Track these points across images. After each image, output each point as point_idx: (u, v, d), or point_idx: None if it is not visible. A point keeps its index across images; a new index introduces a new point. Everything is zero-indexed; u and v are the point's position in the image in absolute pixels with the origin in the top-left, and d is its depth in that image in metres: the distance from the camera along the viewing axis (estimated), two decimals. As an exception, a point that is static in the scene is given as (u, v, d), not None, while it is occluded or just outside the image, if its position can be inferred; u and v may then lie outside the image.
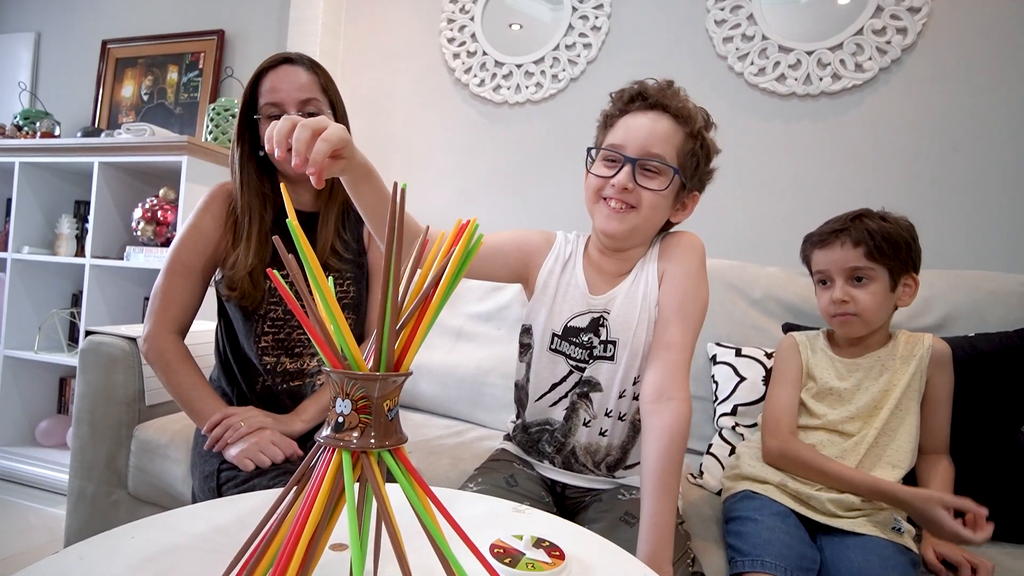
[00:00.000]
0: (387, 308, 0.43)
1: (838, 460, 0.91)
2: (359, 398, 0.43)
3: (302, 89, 0.97)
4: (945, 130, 1.54)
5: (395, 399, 0.45)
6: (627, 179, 0.80)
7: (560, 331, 0.88)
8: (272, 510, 0.45)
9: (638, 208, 0.82)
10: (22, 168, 2.04)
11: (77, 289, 2.13)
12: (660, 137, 0.80)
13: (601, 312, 0.87)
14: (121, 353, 1.18)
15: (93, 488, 1.18)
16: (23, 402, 2.09)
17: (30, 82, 2.57)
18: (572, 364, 0.88)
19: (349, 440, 0.42)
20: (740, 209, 1.69)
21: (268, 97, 0.96)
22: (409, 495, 0.44)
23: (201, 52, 2.28)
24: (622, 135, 0.83)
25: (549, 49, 1.86)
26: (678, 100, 0.82)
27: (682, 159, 0.82)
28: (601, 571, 0.56)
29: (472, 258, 0.47)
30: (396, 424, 0.45)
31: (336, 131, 0.61)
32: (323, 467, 0.43)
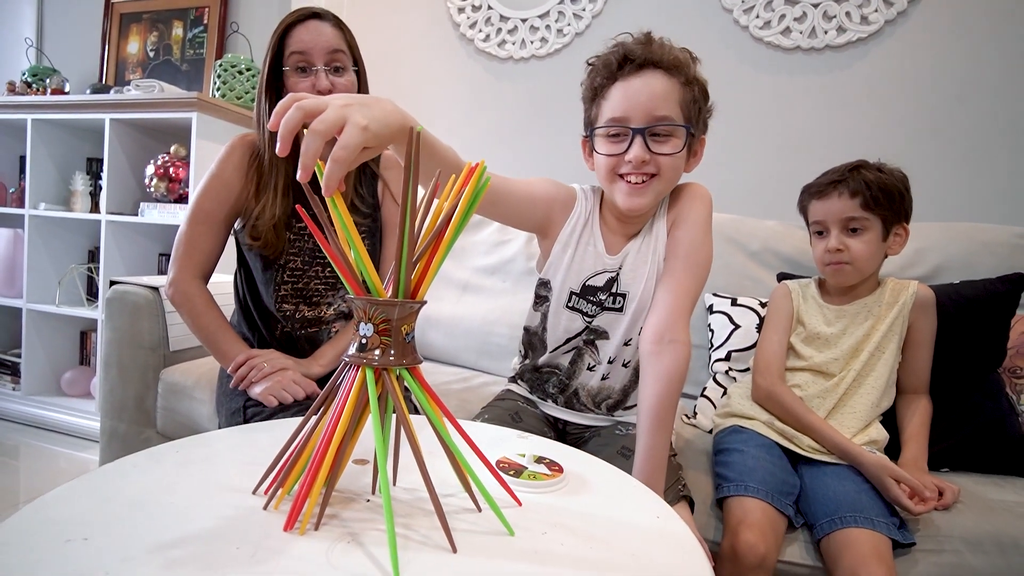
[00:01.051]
0: (404, 241, 0.48)
1: (819, 398, 0.98)
2: (380, 321, 0.49)
3: (329, 43, 0.99)
4: (949, 82, 1.55)
5: (411, 324, 0.51)
6: (642, 151, 0.79)
7: (578, 289, 0.91)
8: (303, 424, 0.51)
9: (659, 175, 0.81)
10: (35, 125, 2.07)
11: (93, 245, 2.18)
12: (661, 97, 0.79)
13: (616, 270, 0.89)
14: (145, 301, 1.24)
15: (124, 428, 1.26)
16: (47, 354, 2.17)
17: (36, 38, 2.57)
18: (587, 320, 0.91)
19: (372, 358, 0.48)
20: (743, 163, 1.72)
21: (295, 48, 0.98)
22: (425, 407, 0.50)
23: (205, 7, 2.27)
24: (621, 105, 0.80)
25: (555, 3, 1.85)
26: (665, 51, 0.80)
27: (687, 111, 0.81)
28: (596, 483, 0.62)
29: (480, 198, 0.51)
30: (413, 347, 0.51)
31: (352, 140, 0.49)
32: (349, 384, 0.49)
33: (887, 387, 0.98)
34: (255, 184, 1.02)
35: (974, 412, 1.01)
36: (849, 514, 0.80)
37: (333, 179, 0.47)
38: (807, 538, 0.86)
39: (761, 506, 0.83)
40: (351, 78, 1.03)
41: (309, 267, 1.04)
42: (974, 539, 0.82)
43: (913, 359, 1.01)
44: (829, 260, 1.03)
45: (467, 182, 0.51)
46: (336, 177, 0.48)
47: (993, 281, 1.09)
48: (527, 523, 0.51)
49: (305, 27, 0.99)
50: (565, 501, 0.57)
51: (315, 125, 0.48)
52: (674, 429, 1.01)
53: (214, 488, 0.52)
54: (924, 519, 0.84)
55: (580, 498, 0.58)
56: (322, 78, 0.98)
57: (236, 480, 0.53)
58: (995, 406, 1.02)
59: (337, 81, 1.00)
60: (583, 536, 0.50)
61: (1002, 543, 0.81)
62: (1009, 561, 0.80)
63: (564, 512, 0.54)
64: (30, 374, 2.13)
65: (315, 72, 0.98)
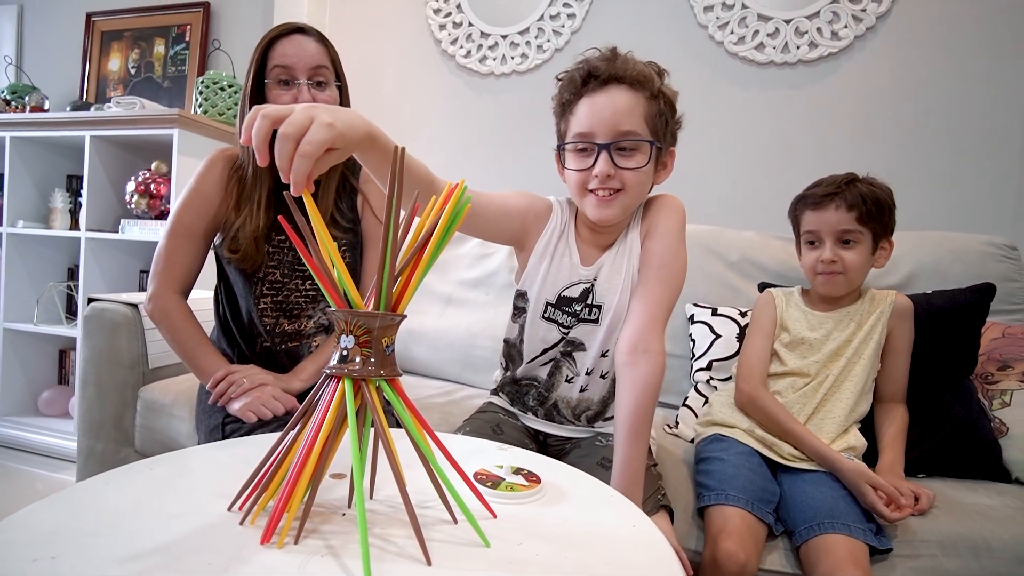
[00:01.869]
0: (387, 254, 0.48)
1: (799, 403, 0.99)
2: (361, 333, 0.49)
3: (312, 58, 1.00)
4: (918, 94, 1.59)
5: (392, 337, 0.51)
6: (607, 167, 0.80)
7: (554, 300, 0.91)
8: (282, 437, 0.51)
9: (625, 190, 0.82)
10: (13, 142, 2.05)
11: (73, 263, 2.16)
12: (625, 112, 0.80)
13: (591, 281, 0.90)
14: (123, 319, 1.23)
15: (102, 447, 1.24)
16: (24, 373, 2.14)
17: (15, 56, 2.56)
18: (563, 332, 0.92)
19: (352, 369, 0.48)
20: (719, 175, 1.75)
21: (279, 62, 0.99)
22: (404, 419, 0.50)
23: (187, 24, 2.28)
24: (587, 121, 0.82)
25: (534, 19, 1.88)
26: (629, 66, 0.81)
27: (652, 124, 0.82)
28: (573, 493, 0.63)
29: (461, 217, 0.52)
30: (392, 359, 0.51)
31: (317, 136, 0.51)
32: (329, 396, 0.49)
33: (863, 392, 1.00)
34: (235, 197, 1.02)
35: (946, 418, 1.03)
36: (827, 520, 0.81)
37: (300, 173, 0.49)
38: (787, 545, 0.87)
39: (741, 514, 0.84)
40: (333, 93, 1.04)
41: (289, 280, 1.04)
42: (949, 543, 0.83)
43: (890, 366, 1.03)
44: (822, 270, 1.04)
45: (448, 200, 0.52)
46: (303, 171, 0.50)
47: (963, 291, 1.12)
48: (503, 534, 0.51)
49: (289, 41, 1.01)
50: (542, 511, 0.57)
51: (283, 128, 0.50)
52: (655, 439, 1.02)
53: (187, 504, 0.52)
54: (901, 524, 0.85)
55: (557, 508, 0.58)
56: (304, 92, 0.99)
57: (210, 496, 0.53)
58: (967, 411, 1.04)
59: (319, 95, 1.01)
60: (559, 546, 0.50)
61: (976, 546, 0.82)
62: (982, 564, 0.81)
63: (540, 522, 0.54)
64: (6, 394, 2.09)
65: (297, 86, 0.99)
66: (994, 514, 0.88)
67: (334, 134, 0.53)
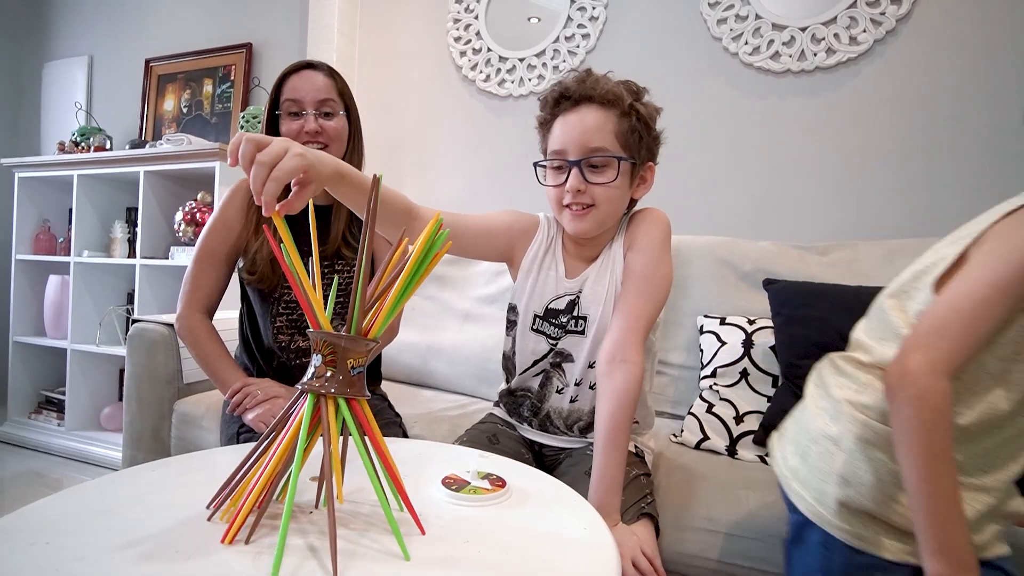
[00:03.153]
0: (359, 282, 0.53)
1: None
2: (328, 353, 0.54)
3: (319, 91, 1.08)
4: (941, 99, 1.54)
5: (359, 360, 0.55)
6: (578, 182, 0.83)
7: (542, 312, 0.94)
8: (258, 444, 0.56)
9: (596, 205, 0.85)
10: (80, 180, 2.26)
11: (130, 288, 2.34)
12: (594, 129, 0.82)
13: (576, 293, 0.92)
14: (161, 337, 1.34)
15: (142, 457, 1.34)
16: (88, 391, 2.32)
17: (85, 101, 2.81)
18: (551, 343, 0.94)
19: (313, 385, 0.53)
20: (738, 187, 1.73)
21: (288, 95, 1.08)
22: (353, 434, 0.54)
23: (232, 64, 2.46)
24: (560, 140, 0.85)
25: (549, 42, 1.93)
26: (600, 86, 0.83)
27: (623, 140, 0.84)
28: (537, 497, 0.65)
29: (438, 250, 0.56)
30: (359, 380, 0.55)
31: (288, 164, 0.56)
32: (299, 408, 0.54)
33: None
34: (254, 223, 1.11)
35: None
36: None
37: (270, 194, 0.55)
38: None
39: None
40: (341, 122, 1.11)
41: None
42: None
43: None
44: None
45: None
46: (272, 193, 0.55)
47: None
48: (453, 531, 0.54)
49: (299, 76, 1.10)
50: (499, 513, 0.60)
51: (260, 156, 0.56)
52: (653, 450, 1.02)
53: (175, 502, 0.57)
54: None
55: (515, 511, 0.61)
56: (310, 121, 1.07)
57: (197, 496, 0.58)
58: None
59: (326, 124, 1.09)
60: (503, 545, 0.53)
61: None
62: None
63: (494, 523, 0.57)
64: (73, 410, 2.27)
65: (305, 116, 1.07)
66: (1009, 530, 0.84)
67: (304, 163, 0.59)
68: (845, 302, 1.15)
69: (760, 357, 1.22)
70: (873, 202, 1.60)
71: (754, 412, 1.16)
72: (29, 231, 2.47)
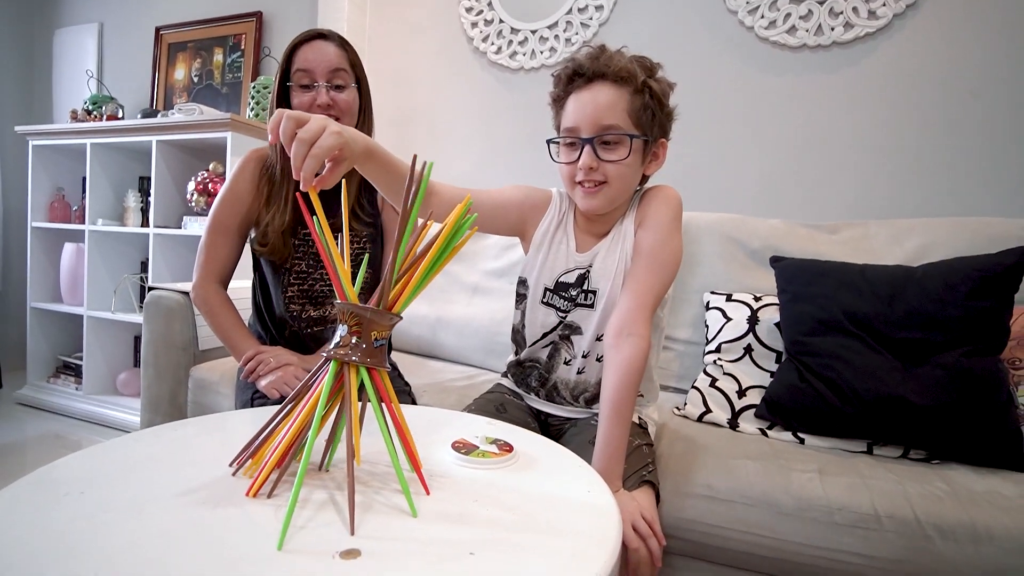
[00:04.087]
0: (398, 259, 0.55)
1: None
2: (353, 324, 0.56)
3: (331, 62, 1.07)
4: (962, 75, 1.52)
5: (383, 333, 0.58)
6: (590, 159, 0.84)
7: (552, 286, 0.96)
8: (283, 406, 0.58)
9: (608, 182, 0.86)
10: (93, 148, 2.28)
11: (144, 256, 2.37)
12: (607, 107, 0.83)
13: (586, 268, 0.94)
14: (177, 305, 1.37)
15: (160, 420, 1.38)
16: (104, 356, 2.37)
17: (96, 69, 2.81)
18: (560, 316, 0.96)
19: (339, 353, 0.55)
20: (751, 163, 1.72)
21: (299, 66, 1.07)
22: (372, 401, 0.56)
23: (243, 34, 2.44)
24: (573, 117, 0.86)
25: (562, 13, 1.91)
26: (613, 63, 0.83)
27: (636, 118, 0.84)
28: (543, 462, 0.68)
29: (461, 235, 0.58)
30: (381, 352, 0.58)
31: (326, 142, 0.60)
32: (323, 374, 0.56)
33: None
34: (266, 195, 1.12)
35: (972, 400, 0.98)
36: None
37: (309, 171, 0.59)
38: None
39: None
40: (352, 94, 1.11)
41: (314, 270, 1.13)
42: (948, 528, 0.82)
43: None
44: None
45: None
46: (312, 169, 0.60)
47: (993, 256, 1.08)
48: (462, 492, 0.57)
49: (310, 47, 1.08)
50: (506, 476, 0.62)
51: (300, 134, 0.60)
52: (656, 421, 1.04)
53: (197, 459, 0.60)
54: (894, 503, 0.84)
55: (521, 475, 0.63)
56: (322, 93, 1.07)
57: (218, 454, 0.61)
58: (995, 396, 0.99)
59: (337, 96, 1.09)
60: (508, 506, 0.55)
61: (976, 533, 0.81)
62: (980, 551, 0.80)
63: (501, 485, 0.60)
64: (90, 375, 2.33)
65: (317, 88, 1.07)
66: (1003, 503, 0.86)
67: (341, 141, 0.63)
68: (850, 280, 1.15)
69: (764, 333, 1.23)
70: (885, 181, 1.59)
71: (756, 387, 1.18)
72: (44, 199, 2.49)
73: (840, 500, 0.86)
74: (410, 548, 0.46)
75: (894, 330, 1.08)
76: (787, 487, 0.90)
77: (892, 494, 0.87)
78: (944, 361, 1.02)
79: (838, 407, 1.04)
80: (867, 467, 0.96)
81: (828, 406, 1.05)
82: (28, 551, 0.42)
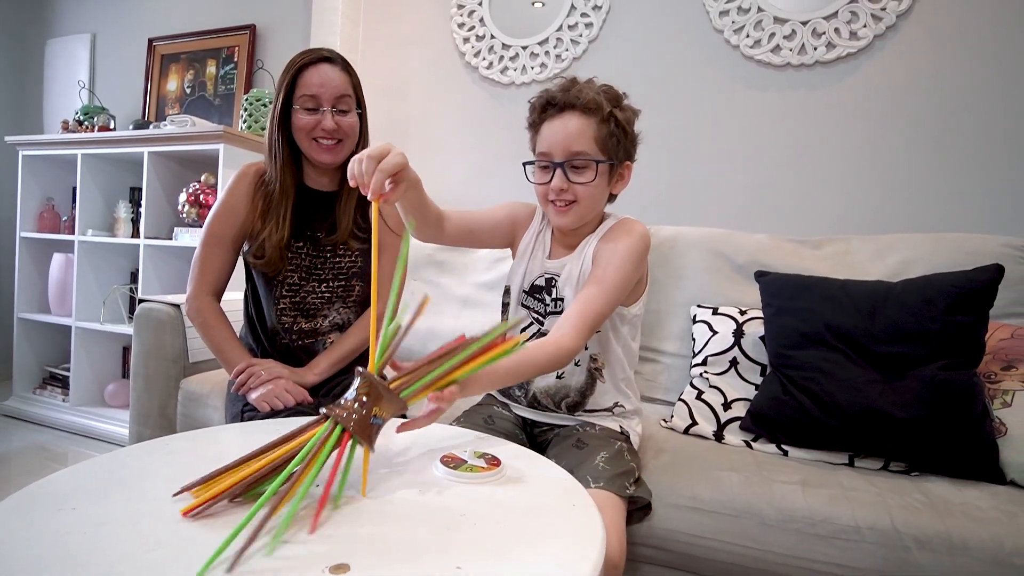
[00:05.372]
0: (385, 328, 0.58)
1: None
2: (364, 392, 0.60)
3: (337, 88, 1.09)
4: (942, 93, 1.56)
5: (384, 414, 0.61)
6: (561, 182, 0.92)
7: (528, 288, 1.04)
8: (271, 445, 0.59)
9: (578, 201, 0.94)
10: (84, 159, 2.28)
11: (134, 267, 2.37)
12: (576, 135, 0.90)
13: (554, 274, 1.01)
14: (168, 317, 1.37)
15: (149, 432, 1.38)
16: (92, 368, 2.36)
17: (88, 80, 2.82)
18: (534, 317, 1.03)
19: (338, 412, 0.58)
20: (735, 179, 1.76)
21: (306, 91, 1.08)
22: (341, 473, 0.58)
23: (236, 46, 2.46)
24: (546, 143, 0.94)
25: (552, 30, 1.94)
26: (582, 95, 0.91)
27: (603, 144, 0.92)
28: (530, 476, 0.69)
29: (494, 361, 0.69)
30: (374, 431, 0.61)
31: (392, 160, 0.69)
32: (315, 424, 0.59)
33: None
34: (261, 209, 1.13)
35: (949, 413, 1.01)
36: None
37: (378, 183, 0.69)
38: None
39: None
40: (355, 118, 1.13)
41: (306, 283, 1.15)
42: (925, 538, 0.84)
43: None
44: None
45: (489, 350, 0.69)
46: (380, 182, 0.69)
47: (969, 272, 1.11)
48: (451, 507, 0.58)
49: (316, 70, 1.09)
50: (493, 490, 0.64)
51: (368, 152, 0.70)
52: (646, 434, 1.07)
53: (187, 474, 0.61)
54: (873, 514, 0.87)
55: (508, 488, 0.65)
56: (328, 118, 1.08)
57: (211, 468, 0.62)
58: (970, 409, 1.02)
59: (342, 121, 1.10)
60: (495, 519, 0.57)
61: (952, 544, 0.83)
62: (956, 561, 0.82)
63: (488, 499, 0.61)
64: (78, 387, 2.31)
65: (322, 112, 1.08)
66: (979, 514, 0.88)
67: (404, 161, 0.72)
68: (832, 294, 1.18)
69: (750, 346, 1.26)
70: (869, 197, 1.63)
71: (742, 399, 1.20)
72: (33, 209, 2.48)
73: (822, 511, 0.88)
74: (399, 562, 0.47)
75: (875, 344, 1.10)
76: (770, 498, 0.92)
77: (872, 505, 0.89)
78: (922, 374, 1.05)
79: (821, 419, 1.06)
80: (848, 479, 0.98)
81: (811, 418, 1.07)
82: (29, 561, 0.43)
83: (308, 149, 1.11)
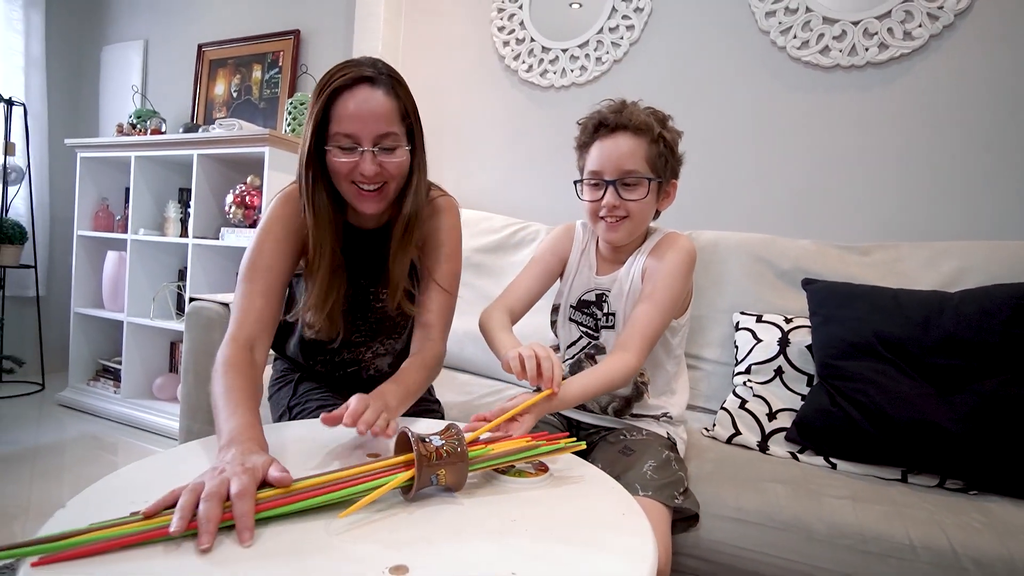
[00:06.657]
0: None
1: None
2: (446, 452, 0.61)
3: (379, 121, 0.85)
4: (1002, 96, 1.50)
5: (443, 477, 0.61)
6: (613, 199, 0.95)
7: (575, 303, 1.07)
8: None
9: (630, 217, 0.96)
10: (137, 161, 2.37)
11: (182, 265, 2.45)
12: (628, 155, 0.94)
13: (605, 290, 1.04)
14: (217, 315, 1.41)
15: (199, 427, 1.43)
16: (142, 362, 2.45)
17: (141, 84, 2.93)
18: (583, 330, 1.07)
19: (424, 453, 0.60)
20: (779, 183, 1.72)
21: (342, 127, 0.85)
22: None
23: (281, 51, 2.52)
24: (597, 162, 0.97)
25: (593, 33, 1.93)
26: (634, 117, 0.94)
27: (652, 163, 0.95)
28: (578, 482, 0.69)
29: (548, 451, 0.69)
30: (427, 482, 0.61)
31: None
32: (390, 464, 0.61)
33: None
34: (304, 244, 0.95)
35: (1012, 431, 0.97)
36: None
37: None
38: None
39: None
40: (403, 154, 0.90)
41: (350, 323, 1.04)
42: (986, 561, 0.81)
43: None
44: None
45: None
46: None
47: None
48: (502, 511, 0.59)
49: (354, 97, 0.85)
50: (543, 496, 0.64)
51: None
52: (688, 442, 1.06)
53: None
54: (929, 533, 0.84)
55: (557, 494, 0.65)
56: (367, 162, 0.86)
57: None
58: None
59: (385, 162, 0.87)
60: (545, 524, 0.57)
61: (1015, 568, 0.80)
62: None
63: (538, 504, 0.61)
64: (128, 380, 2.41)
65: (361, 153, 0.86)
66: (1044, 538, 0.85)
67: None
68: (883, 304, 1.15)
69: (796, 356, 1.23)
70: (919, 202, 1.57)
71: (787, 410, 1.18)
72: (89, 209, 2.60)
73: (874, 528, 0.86)
74: (456, 564, 0.48)
75: (928, 355, 1.07)
76: (819, 512, 0.89)
77: (927, 524, 0.86)
78: (981, 388, 1.01)
79: (871, 432, 1.03)
80: (902, 495, 0.95)
81: (860, 431, 1.04)
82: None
83: (346, 194, 0.91)
